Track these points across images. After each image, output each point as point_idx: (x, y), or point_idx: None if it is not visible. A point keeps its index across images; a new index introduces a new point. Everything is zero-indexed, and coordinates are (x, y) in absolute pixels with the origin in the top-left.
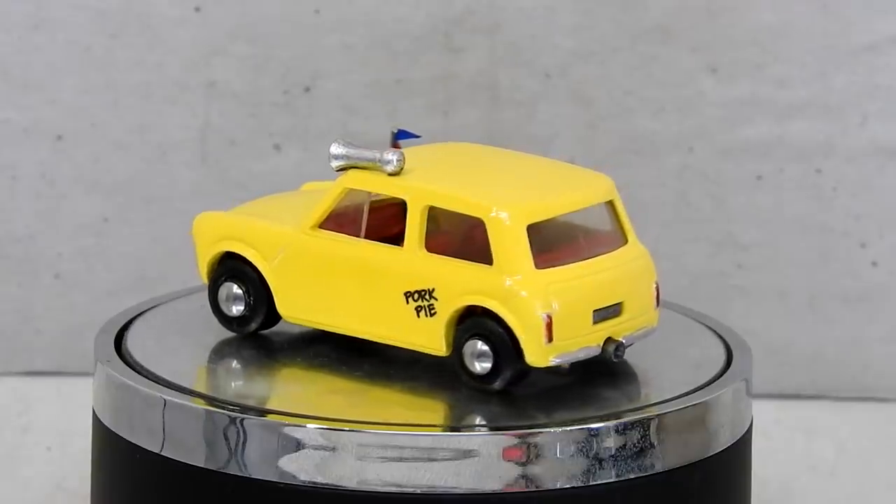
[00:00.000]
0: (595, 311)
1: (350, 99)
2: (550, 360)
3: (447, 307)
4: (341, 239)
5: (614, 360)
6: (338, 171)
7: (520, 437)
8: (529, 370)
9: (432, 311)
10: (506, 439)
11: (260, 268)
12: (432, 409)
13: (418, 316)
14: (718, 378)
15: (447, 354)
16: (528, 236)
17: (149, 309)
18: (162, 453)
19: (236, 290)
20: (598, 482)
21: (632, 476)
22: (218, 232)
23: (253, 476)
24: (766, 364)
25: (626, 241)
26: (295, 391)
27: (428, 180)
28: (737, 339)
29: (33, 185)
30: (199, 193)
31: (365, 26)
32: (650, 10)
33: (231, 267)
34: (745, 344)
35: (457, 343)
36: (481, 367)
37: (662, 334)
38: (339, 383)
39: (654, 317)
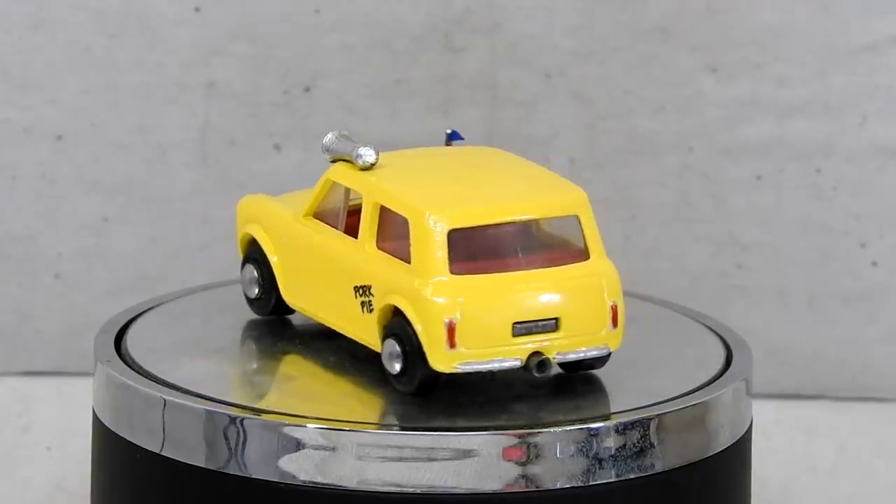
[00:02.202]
0: (516, 323)
1: (350, 99)
2: (455, 367)
3: (378, 304)
4: (320, 229)
5: (536, 375)
6: (331, 162)
7: (520, 437)
8: (438, 375)
9: (370, 308)
10: (506, 439)
11: (266, 252)
12: (432, 410)
13: (362, 311)
14: (718, 378)
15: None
16: (458, 242)
17: (149, 309)
18: (162, 453)
19: (254, 272)
20: (598, 482)
21: (632, 476)
22: (246, 215)
23: (253, 476)
24: (766, 364)
25: (586, 257)
26: (295, 391)
27: (386, 178)
28: (737, 339)
29: (33, 185)
30: (199, 193)
31: (365, 26)
32: (650, 9)
33: (253, 250)
34: (745, 344)
35: (382, 341)
36: (395, 367)
37: (662, 334)
38: (341, 383)
39: (608, 337)
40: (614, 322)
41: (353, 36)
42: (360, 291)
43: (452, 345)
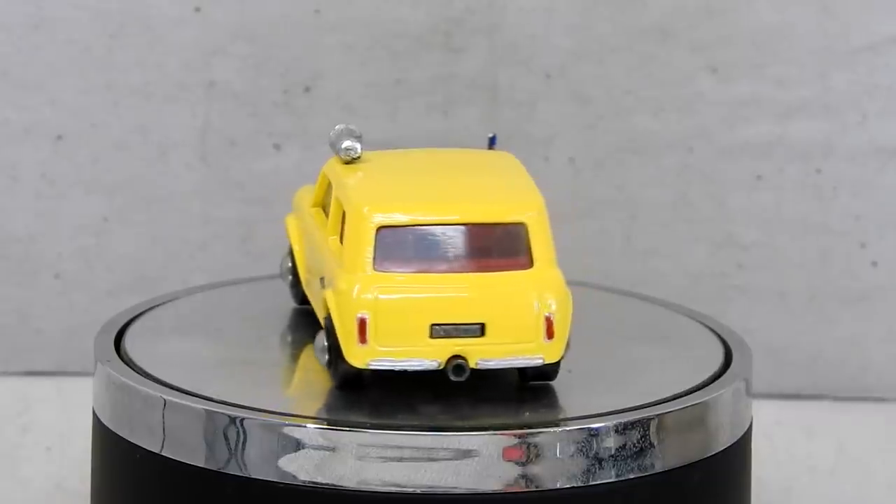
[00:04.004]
0: (434, 325)
1: (350, 99)
2: (368, 364)
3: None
4: (317, 221)
5: (452, 379)
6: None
7: (520, 437)
8: (359, 371)
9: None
10: (506, 439)
11: (291, 241)
12: (432, 410)
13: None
14: (718, 378)
15: None
16: (387, 239)
17: (149, 309)
18: (162, 453)
19: (289, 262)
20: (598, 482)
21: (632, 476)
22: (295, 204)
23: (253, 476)
24: (766, 364)
25: (529, 266)
26: (295, 391)
27: (355, 174)
28: (737, 339)
29: (33, 185)
30: (199, 193)
31: (365, 26)
32: (649, 9)
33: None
34: (745, 344)
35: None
36: (324, 359)
37: (662, 334)
38: (337, 386)
39: (542, 348)
40: (549, 334)
41: (353, 36)
42: (321, 283)
43: (363, 341)
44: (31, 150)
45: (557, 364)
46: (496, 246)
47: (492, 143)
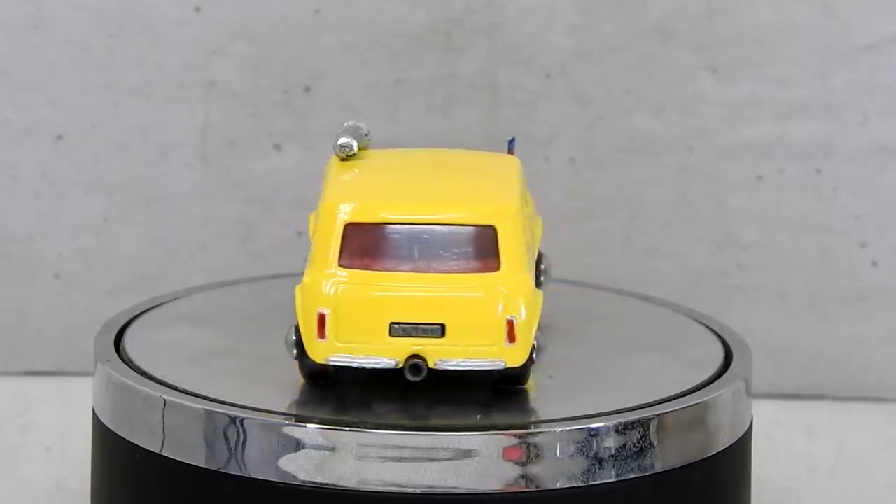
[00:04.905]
0: (393, 323)
1: (350, 99)
2: (327, 360)
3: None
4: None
5: (409, 378)
6: None
7: (520, 437)
8: (323, 368)
9: None
10: (506, 439)
11: (310, 237)
12: (432, 410)
13: None
14: (718, 378)
15: None
16: (354, 236)
17: (149, 309)
18: (162, 453)
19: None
20: (598, 482)
21: (632, 476)
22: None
23: (253, 476)
24: (766, 364)
25: (496, 269)
26: (295, 391)
27: (342, 171)
28: (737, 339)
29: (33, 185)
30: (199, 193)
31: (365, 26)
32: (649, 9)
33: None
34: (745, 344)
35: None
36: (293, 353)
37: (662, 334)
38: (339, 384)
39: (504, 352)
40: (511, 337)
41: (353, 36)
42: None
43: (322, 336)
44: (31, 150)
45: (525, 368)
46: (464, 247)
47: (511, 145)
